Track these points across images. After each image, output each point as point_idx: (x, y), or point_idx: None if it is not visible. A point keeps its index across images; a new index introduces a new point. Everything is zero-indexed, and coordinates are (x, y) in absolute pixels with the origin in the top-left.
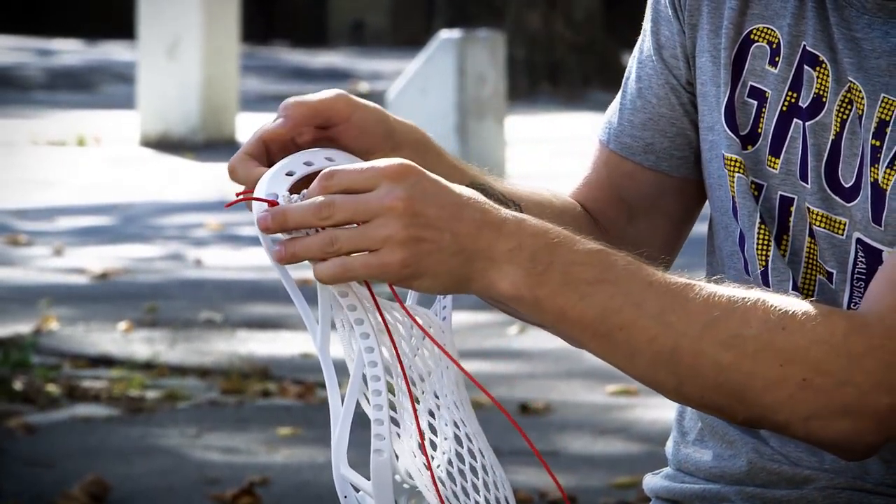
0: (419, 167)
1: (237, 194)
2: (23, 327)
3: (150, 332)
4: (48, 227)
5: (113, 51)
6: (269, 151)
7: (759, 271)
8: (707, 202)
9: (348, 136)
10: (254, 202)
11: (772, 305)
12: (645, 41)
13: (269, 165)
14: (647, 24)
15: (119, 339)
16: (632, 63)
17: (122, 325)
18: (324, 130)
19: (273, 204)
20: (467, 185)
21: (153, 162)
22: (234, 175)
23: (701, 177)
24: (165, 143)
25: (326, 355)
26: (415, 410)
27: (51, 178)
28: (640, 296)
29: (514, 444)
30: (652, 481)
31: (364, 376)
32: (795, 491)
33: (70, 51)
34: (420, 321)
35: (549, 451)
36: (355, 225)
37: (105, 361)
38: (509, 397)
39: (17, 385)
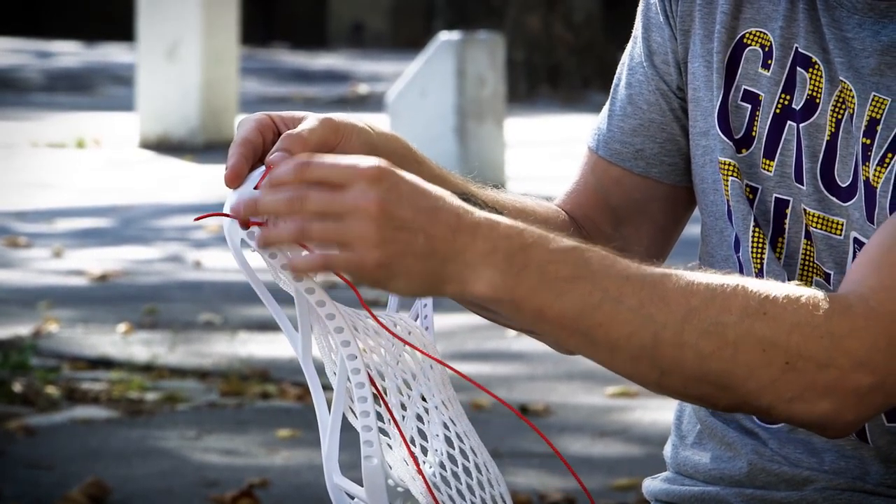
0: (396, 169)
1: (207, 214)
2: (22, 329)
3: (149, 334)
4: (48, 229)
5: (112, 53)
6: (265, 141)
7: (753, 274)
8: (696, 210)
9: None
10: (225, 219)
11: (752, 291)
12: (635, 47)
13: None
14: (637, 31)
15: (118, 341)
16: (621, 70)
17: (122, 327)
18: None
19: (243, 220)
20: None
21: (153, 164)
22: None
23: (689, 184)
24: (165, 145)
25: (310, 365)
26: (396, 423)
27: (50, 180)
28: (617, 290)
29: (513, 446)
30: (651, 485)
31: (348, 386)
32: (795, 493)
33: (69, 53)
34: (399, 327)
35: (549, 452)
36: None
37: (104, 363)
38: (509, 399)
39: (17, 387)
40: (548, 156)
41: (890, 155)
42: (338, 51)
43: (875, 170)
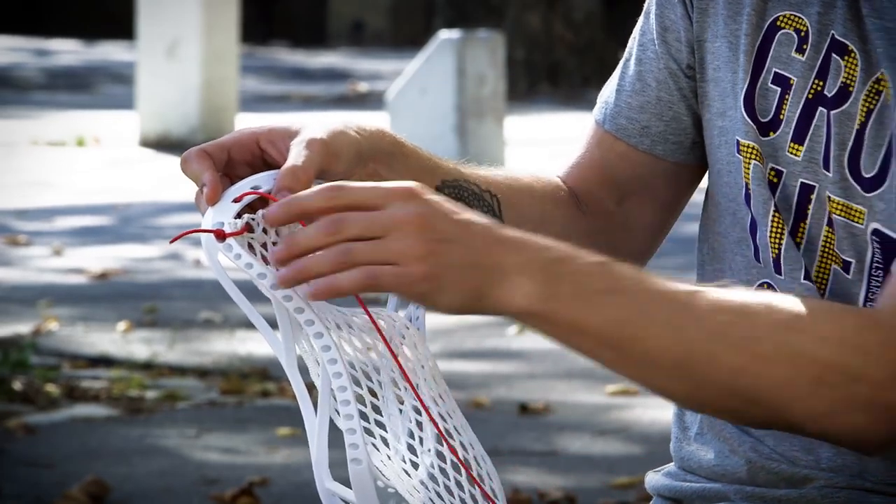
0: (425, 187)
1: (182, 234)
2: (22, 328)
3: (149, 332)
4: (47, 227)
5: (112, 51)
6: (232, 158)
7: (771, 259)
8: (697, 188)
9: (324, 176)
10: (202, 234)
11: (780, 307)
12: (647, 22)
13: (228, 166)
14: (650, 6)
15: (118, 339)
16: (632, 44)
17: (122, 325)
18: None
19: (219, 233)
20: (439, 183)
21: (152, 162)
22: (186, 166)
23: (694, 162)
24: (165, 144)
25: (295, 374)
26: (425, 406)
27: (50, 178)
28: (649, 305)
29: (513, 444)
30: (654, 479)
31: (332, 390)
32: (794, 490)
33: (69, 51)
34: (385, 325)
35: (549, 451)
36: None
37: (104, 362)
38: (508, 398)
39: (17, 385)
40: (547, 154)
41: None
42: (338, 49)
43: None
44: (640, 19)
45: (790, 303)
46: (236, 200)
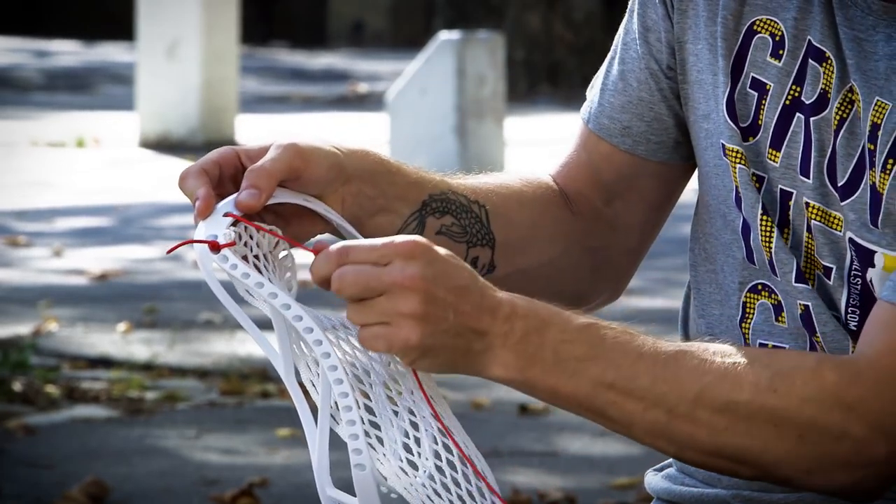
0: (431, 245)
1: (178, 245)
2: (22, 328)
3: (149, 333)
4: (47, 228)
5: (112, 52)
6: (222, 174)
7: (765, 260)
8: (687, 188)
9: (301, 186)
10: (196, 245)
11: (762, 366)
12: (630, 21)
13: (218, 184)
14: (633, 5)
15: (118, 340)
16: (616, 42)
17: (122, 326)
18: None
19: (213, 245)
20: (426, 197)
21: (152, 163)
22: (183, 183)
23: (680, 161)
24: (165, 145)
25: (293, 383)
26: (437, 415)
27: (50, 179)
28: (630, 369)
29: (513, 445)
30: (654, 481)
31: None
32: (793, 494)
33: (68, 52)
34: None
35: (549, 451)
36: None
37: (104, 362)
38: (509, 398)
39: (17, 386)
40: (547, 154)
41: (891, 161)
42: (337, 50)
43: (880, 175)
44: (625, 18)
45: (772, 361)
46: (226, 216)
